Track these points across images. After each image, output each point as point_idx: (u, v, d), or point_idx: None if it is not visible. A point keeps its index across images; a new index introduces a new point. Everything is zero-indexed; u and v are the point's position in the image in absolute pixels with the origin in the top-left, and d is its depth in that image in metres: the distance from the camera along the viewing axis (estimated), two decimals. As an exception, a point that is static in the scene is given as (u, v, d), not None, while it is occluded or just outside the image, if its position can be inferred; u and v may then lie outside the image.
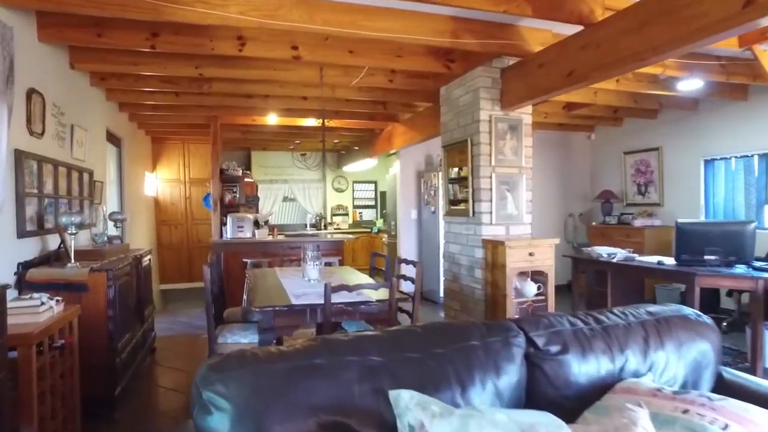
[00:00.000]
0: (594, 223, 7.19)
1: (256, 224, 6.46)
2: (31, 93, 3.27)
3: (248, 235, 6.15)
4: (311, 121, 6.63)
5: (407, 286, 3.96)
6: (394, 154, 8.29)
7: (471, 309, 4.41)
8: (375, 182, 10.29)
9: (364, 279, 4.12)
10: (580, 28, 3.42)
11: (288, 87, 4.98)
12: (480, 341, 1.68)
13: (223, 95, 5.36)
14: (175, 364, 4.41)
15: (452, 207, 4.74)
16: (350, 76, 4.66)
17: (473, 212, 4.35)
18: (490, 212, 4.26)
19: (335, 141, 8.59)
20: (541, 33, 3.97)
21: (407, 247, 7.29)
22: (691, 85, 4.77)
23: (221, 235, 6.37)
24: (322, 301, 3.06)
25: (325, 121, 6.74)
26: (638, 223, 6.36)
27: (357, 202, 10.11)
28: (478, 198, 4.28)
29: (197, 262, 8.37)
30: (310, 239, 6.33)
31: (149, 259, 4.62)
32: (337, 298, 3.07)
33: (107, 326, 3.19)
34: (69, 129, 4.03)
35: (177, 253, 8.32)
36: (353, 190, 10.09)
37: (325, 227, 9.69)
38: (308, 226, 9.72)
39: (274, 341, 3.18)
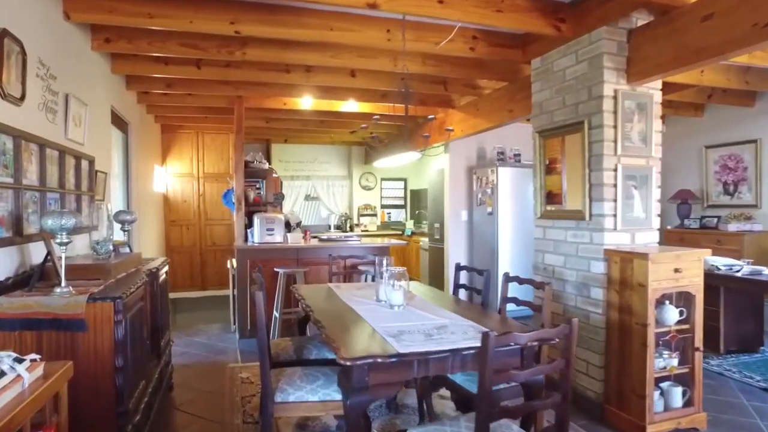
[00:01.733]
0: (669, 227, 6.13)
1: (287, 226, 5.36)
2: (2, 36, 2.16)
3: (279, 239, 5.04)
4: (352, 106, 5.53)
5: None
6: (434, 147, 7.21)
7: (582, 338, 3.33)
8: (404, 180, 9.19)
9: (448, 300, 3.03)
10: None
11: (342, 55, 3.89)
12: None
13: (256, 66, 4.25)
14: (199, 409, 3.30)
15: (551, 208, 3.66)
16: (424, 41, 3.57)
17: (590, 215, 3.27)
18: (614, 215, 3.20)
19: (372, 134, 7.47)
20: (695, -23, 2.90)
21: (457, 254, 6.20)
22: None
23: (246, 239, 5.27)
24: (439, 348, 2.00)
25: (360, 104, 5.66)
26: (733, 227, 5.31)
27: (384, 202, 9.00)
28: (598, 196, 3.21)
29: (211, 267, 7.26)
30: (350, 244, 5.23)
31: (166, 272, 3.51)
32: (444, 341, 2.00)
33: (114, 382, 2.09)
34: (63, 100, 2.93)
35: (188, 258, 7.20)
36: (381, 189, 8.97)
37: (351, 229, 8.59)
38: (332, 227, 8.62)
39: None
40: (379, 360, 1.90)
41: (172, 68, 4.16)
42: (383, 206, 9.02)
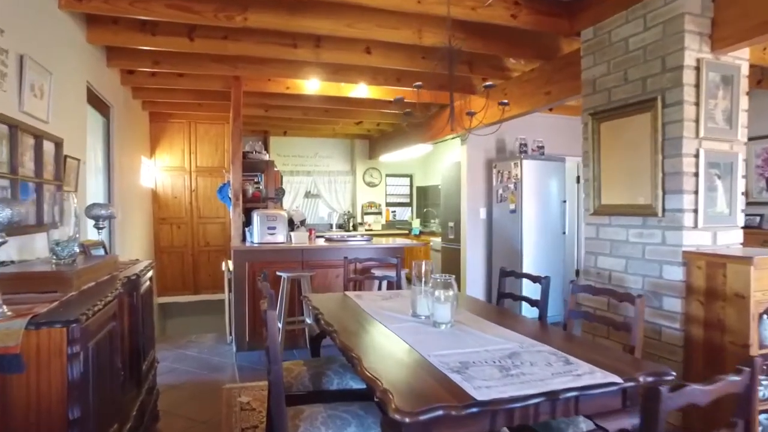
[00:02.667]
0: (704, 227, 5.58)
1: (291, 224, 4.73)
2: None
3: (281, 239, 4.41)
4: (362, 91, 4.91)
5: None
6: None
7: (651, 356, 2.74)
8: (410, 176, 8.58)
9: (494, 312, 2.43)
10: None
11: (359, 24, 3.27)
12: None
13: (258, 38, 3.63)
14: (190, 446, 2.67)
15: (608, 203, 3.07)
16: (459, 5, 2.99)
17: (663, 210, 2.69)
18: (695, 210, 2.61)
19: (377, 123, 6.86)
20: None
21: (475, 255, 5.61)
22: None
23: (243, 239, 4.63)
24: (530, 391, 1.40)
25: (371, 89, 5.05)
26: (782, 227, 4.78)
27: (389, 200, 8.37)
28: (675, 188, 2.63)
29: (204, 269, 6.59)
30: (360, 245, 4.62)
31: (150, 279, 2.87)
32: (528, 379, 1.41)
33: (68, 440, 1.45)
34: (15, 61, 2.28)
35: (180, 259, 6.53)
36: (386, 185, 8.34)
37: (355, 228, 7.97)
38: (334, 226, 7.99)
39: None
40: (453, 413, 1.29)
41: (161, 39, 3.52)
42: (388, 204, 8.40)
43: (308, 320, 4.28)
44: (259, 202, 4.98)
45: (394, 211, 8.47)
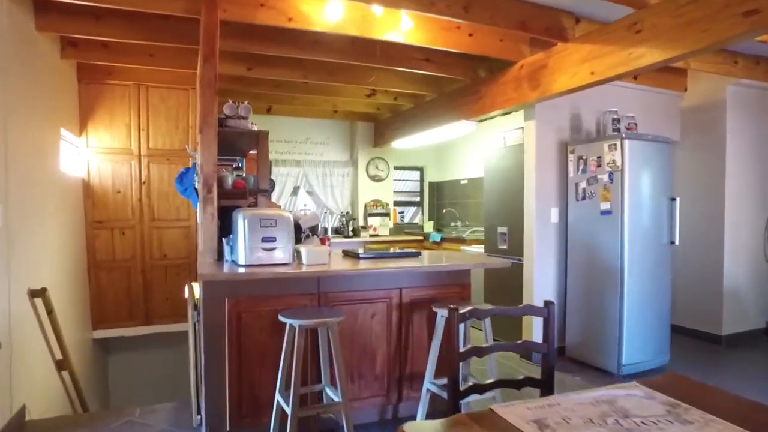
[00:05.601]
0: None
1: (298, 233, 2.89)
2: None
3: (284, 256, 2.57)
4: (401, 32, 3.13)
5: None
6: (488, 118, 4.95)
7: None
8: (421, 169, 6.82)
9: None
10: None
11: None
12: None
13: None
14: None
15: None
16: None
17: None
18: None
19: (395, 97, 5.04)
20: None
21: (544, 276, 3.94)
22: None
23: (220, 256, 2.77)
24: None
25: (415, 22, 3.31)
26: None
27: (396, 198, 6.58)
28: None
29: (159, 290, 4.62)
30: (404, 265, 2.82)
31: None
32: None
33: None
34: None
35: (125, 277, 4.53)
36: (392, 180, 6.53)
37: (356, 232, 6.15)
38: (329, 230, 6.15)
39: None
40: None
41: None
42: (395, 203, 6.61)
43: (330, 393, 2.48)
44: (244, 197, 3.11)
45: (402, 212, 6.70)
